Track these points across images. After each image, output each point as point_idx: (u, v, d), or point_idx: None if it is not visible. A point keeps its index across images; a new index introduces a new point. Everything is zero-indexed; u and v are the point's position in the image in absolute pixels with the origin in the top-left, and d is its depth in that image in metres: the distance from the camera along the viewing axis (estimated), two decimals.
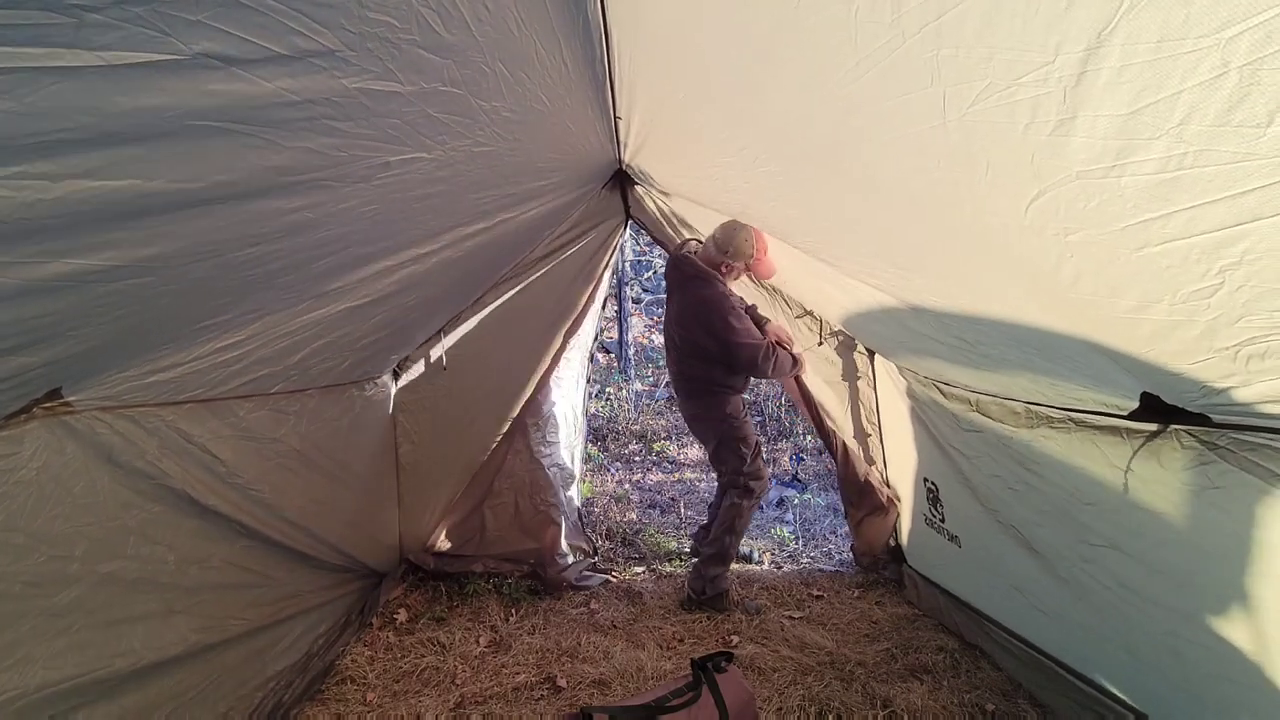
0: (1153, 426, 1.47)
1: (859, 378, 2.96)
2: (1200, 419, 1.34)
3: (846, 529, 3.26)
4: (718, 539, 2.84)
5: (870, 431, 3.01)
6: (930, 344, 2.05)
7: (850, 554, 3.21)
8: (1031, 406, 1.86)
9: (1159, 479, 1.49)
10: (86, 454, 1.40)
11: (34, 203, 0.84)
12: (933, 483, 2.50)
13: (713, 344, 2.67)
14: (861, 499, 3.02)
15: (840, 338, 2.95)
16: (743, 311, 2.70)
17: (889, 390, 2.78)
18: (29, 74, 0.72)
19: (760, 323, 2.86)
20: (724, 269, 2.64)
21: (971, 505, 2.23)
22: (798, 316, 2.99)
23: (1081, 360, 1.44)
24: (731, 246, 2.57)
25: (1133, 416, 1.50)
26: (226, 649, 1.82)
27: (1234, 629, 1.38)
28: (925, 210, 1.32)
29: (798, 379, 3.02)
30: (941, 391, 2.28)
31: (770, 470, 4.77)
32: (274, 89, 0.94)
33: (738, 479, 2.84)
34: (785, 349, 2.73)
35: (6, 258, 0.90)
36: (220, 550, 1.80)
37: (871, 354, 2.86)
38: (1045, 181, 0.96)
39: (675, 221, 2.88)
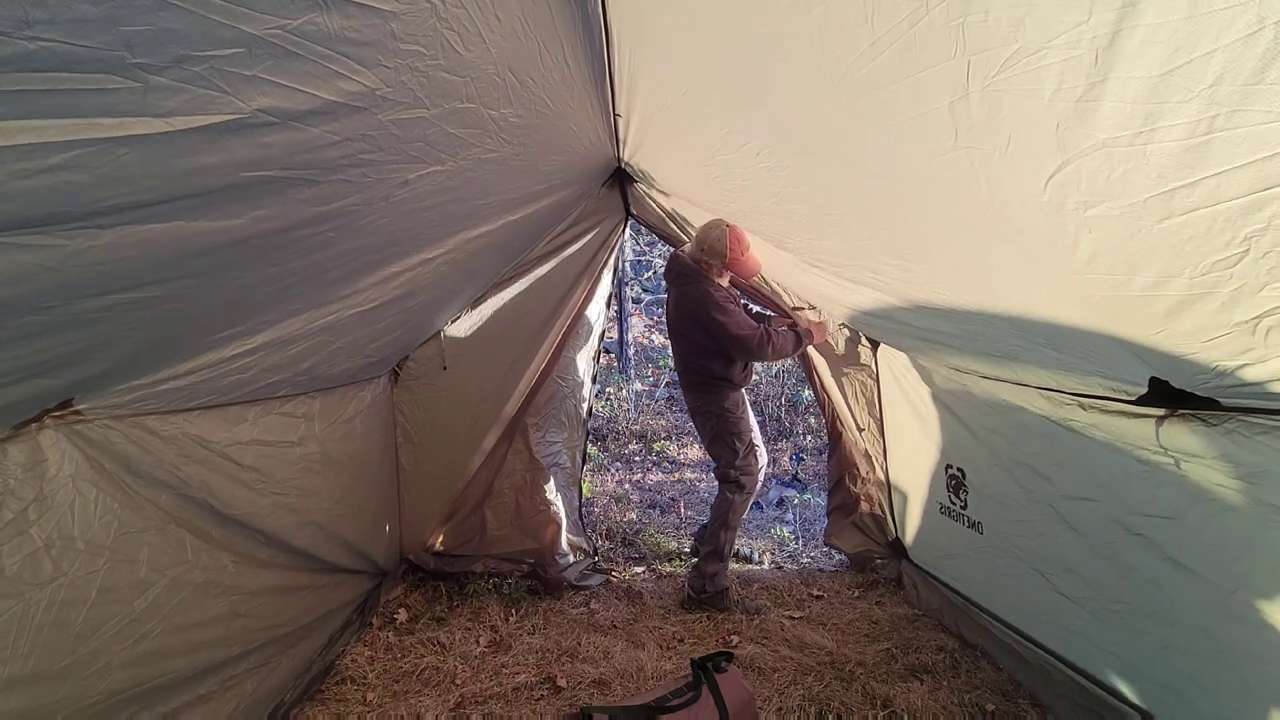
0: (1160, 411, 1.47)
1: (862, 370, 2.96)
2: (1209, 403, 1.34)
3: None
4: (713, 535, 2.87)
5: (865, 426, 3.01)
6: (938, 335, 2.04)
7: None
8: (1044, 392, 1.85)
9: (1167, 462, 1.49)
10: (107, 462, 1.40)
11: (85, 249, 0.86)
12: (957, 469, 2.47)
13: (705, 337, 2.73)
14: (836, 490, 3.13)
15: (845, 331, 2.95)
16: (732, 303, 2.73)
17: (896, 381, 2.77)
18: (103, 145, 0.73)
19: (763, 318, 2.95)
20: (704, 266, 2.70)
21: (1006, 486, 2.20)
22: (795, 309, 3.01)
23: (1091, 347, 1.43)
24: (706, 245, 2.62)
25: (1141, 402, 1.49)
26: (264, 649, 1.84)
27: (1270, 608, 1.37)
28: (938, 193, 1.30)
29: (808, 364, 3.06)
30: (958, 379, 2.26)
31: (771, 470, 4.77)
32: (319, 133, 0.96)
33: (729, 473, 2.88)
34: (788, 327, 2.77)
35: (53, 301, 0.92)
36: (256, 555, 1.81)
37: (875, 347, 2.86)
38: (1069, 152, 0.94)
39: (677, 219, 2.88)
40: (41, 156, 0.70)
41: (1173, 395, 1.40)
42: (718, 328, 2.66)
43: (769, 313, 3.02)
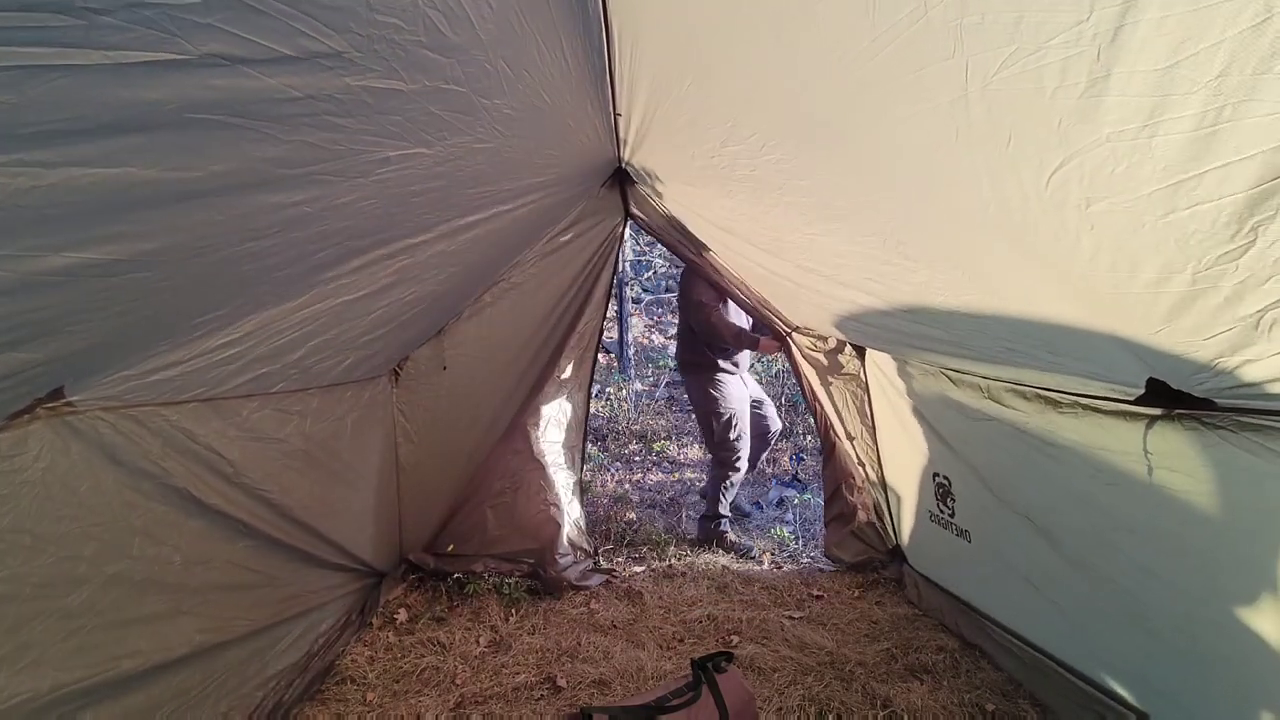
0: (1157, 411, 1.47)
1: (850, 378, 2.95)
2: (1205, 404, 1.34)
3: None
4: (709, 501, 3.60)
5: (856, 434, 3.00)
6: (929, 343, 2.04)
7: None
8: (1041, 392, 1.85)
9: (1166, 463, 1.50)
10: (90, 454, 1.39)
11: (29, 189, 0.83)
12: (944, 477, 2.47)
13: (682, 300, 3.35)
14: (833, 500, 3.15)
15: (831, 341, 2.94)
16: (713, 286, 3.12)
17: (883, 390, 2.76)
18: (35, 70, 0.72)
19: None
20: None
21: (984, 496, 2.20)
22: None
23: (1089, 348, 1.43)
24: None
25: (1139, 402, 1.50)
26: (229, 649, 1.81)
27: (1249, 613, 1.38)
28: (938, 190, 1.30)
29: (798, 373, 3.12)
30: (951, 380, 2.25)
31: (771, 470, 4.77)
32: (276, 84, 0.94)
33: (713, 449, 3.47)
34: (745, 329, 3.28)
35: (4, 250, 0.89)
36: (223, 550, 1.80)
37: (862, 355, 2.85)
38: (1071, 148, 0.94)
39: (677, 223, 2.86)
40: None
41: (1170, 396, 1.41)
42: (692, 290, 3.23)
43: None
